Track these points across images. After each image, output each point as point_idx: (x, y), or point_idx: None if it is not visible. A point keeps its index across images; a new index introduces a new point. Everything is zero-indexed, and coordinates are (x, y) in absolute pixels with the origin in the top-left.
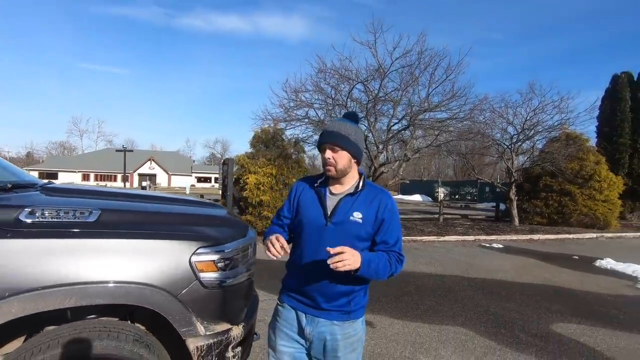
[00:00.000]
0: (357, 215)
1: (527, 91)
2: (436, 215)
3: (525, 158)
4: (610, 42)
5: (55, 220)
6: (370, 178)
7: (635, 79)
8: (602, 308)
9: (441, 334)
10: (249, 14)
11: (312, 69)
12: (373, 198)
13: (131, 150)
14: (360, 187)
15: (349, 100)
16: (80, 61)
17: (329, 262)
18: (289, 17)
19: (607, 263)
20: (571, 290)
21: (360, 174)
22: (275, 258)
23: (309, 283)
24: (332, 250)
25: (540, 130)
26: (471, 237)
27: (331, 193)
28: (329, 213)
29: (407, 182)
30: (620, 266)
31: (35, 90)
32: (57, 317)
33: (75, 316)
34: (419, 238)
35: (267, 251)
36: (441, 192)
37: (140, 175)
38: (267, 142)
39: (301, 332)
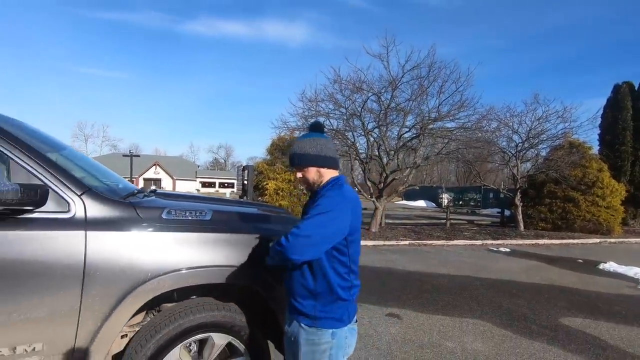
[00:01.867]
0: None
1: (531, 101)
2: (443, 221)
3: (530, 165)
4: (612, 51)
5: (184, 218)
6: (382, 185)
7: (636, 88)
8: (605, 305)
9: (462, 325)
10: (251, 20)
11: (327, 80)
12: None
13: (138, 156)
14: (320, 191)
15: (363, 110)
16: (79, 66)
17: None
18: (290, 23)
19: (610, 266)
20: (576, 289)
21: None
22: None
23: (288, 285)
24: None
25: (544, 138)
26: (479, 242)
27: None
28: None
29: (417, 188)
30: (622, 269)
31: (37, 96)
32: (166, 297)
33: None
34: (428, 242)
35: None
36: (445, 198)
37: (145, 180)
38: (283, 149)
39: (286, 332)
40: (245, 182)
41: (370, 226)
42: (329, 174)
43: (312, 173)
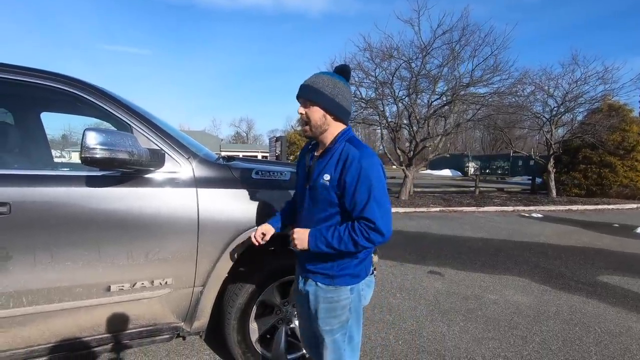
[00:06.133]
0: (326, 178)
1: (569, 62)
2: (471, 189)
3: (565, 130)
4: None
5: (269, 178)
6: (412, 153)
7: None
8: None
9: (501, 281)
10: None
11: (356, 48)
12: (342, 157)
13: None
14: (332, 147)
15: (393, 77)
16: (104, 43)
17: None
18: None
19: None
20: (612, 251)
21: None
22: (256, 243)
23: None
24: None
25: (582, 102)
26: (510, 208)
27: (315, 155)
28: (307, 176)
29: (447, 155)
30: None
31: (63, 71)
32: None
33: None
34: (459, 209)
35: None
36: (472, 167)
37: None
38: None
39: (298, 287)
40: (279, 152)
41: (400, 194)
42: (335, 125)
43: (317, 114)
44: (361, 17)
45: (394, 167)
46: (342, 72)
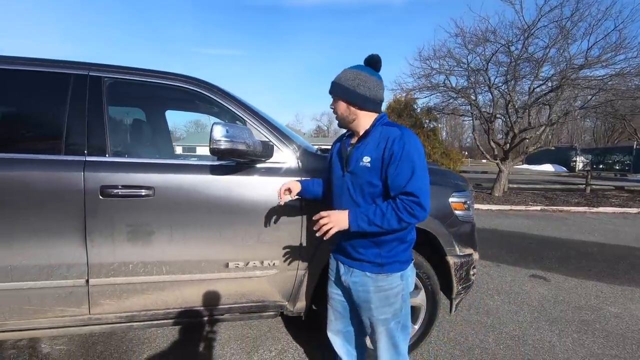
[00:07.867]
0: (366, 160)
1: None
2: (581, 186)
3: None
4: None
5: None
6: (508, 145)
7: None
8: None
9: (624, 292)
10: None
11: (447, 35)
12: (382, 138)
13: None
14: (369, 132)
15: (489, 63)
16: (202, 47)
17: (315, 228)
18: None
19: None
20: None
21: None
22: (279, 199)
23: (340, 234)
24: (314, 218)
25: None
26: (634, 210)
27: (350, 144)
28: (345, 163)
29: (552, 148)
30: None
31: None
32: None
33: None
34: (565, 208)
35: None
36: (580, 161)
37: None
38: (400, 112)
39: (339, 279)
40: None
41: (493, 190)
42: (364, 114)
43: (342, 107)
44: (451, 1)
45: (484, 160)
46: (370, 62)
